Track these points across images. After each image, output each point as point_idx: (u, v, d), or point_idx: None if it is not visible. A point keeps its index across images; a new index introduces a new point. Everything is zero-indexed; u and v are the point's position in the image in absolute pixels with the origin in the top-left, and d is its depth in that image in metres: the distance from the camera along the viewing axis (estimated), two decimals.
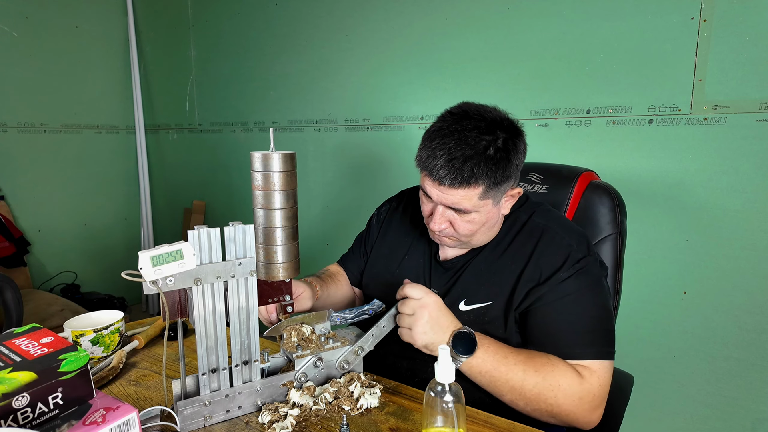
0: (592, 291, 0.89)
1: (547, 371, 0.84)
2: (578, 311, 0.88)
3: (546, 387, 0.83)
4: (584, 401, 0.83)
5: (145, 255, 0.67)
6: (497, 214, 0.93)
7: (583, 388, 0.84)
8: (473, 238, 0.93)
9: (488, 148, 0.84)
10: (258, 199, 0.77)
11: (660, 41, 1.43)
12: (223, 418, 0.78)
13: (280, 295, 0.82)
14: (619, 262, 1.10)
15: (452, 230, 0.92)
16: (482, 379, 0.86)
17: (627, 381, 1.10)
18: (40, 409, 0.58)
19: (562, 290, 0.88)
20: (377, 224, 1.21)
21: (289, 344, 0.86)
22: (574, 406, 0.83)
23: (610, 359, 0.87)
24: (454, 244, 0.96)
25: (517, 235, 0.96)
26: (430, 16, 1.91)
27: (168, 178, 3.30)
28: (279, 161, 0.75)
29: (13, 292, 1.31)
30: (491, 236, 0.97)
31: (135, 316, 3.11)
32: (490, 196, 0.87)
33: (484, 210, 0.89)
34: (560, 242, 0.91)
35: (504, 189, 0.89)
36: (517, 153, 0.88)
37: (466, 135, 0.84)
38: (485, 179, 0.84)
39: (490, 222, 0.92)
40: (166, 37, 3.10)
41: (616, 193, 1.13)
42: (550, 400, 0.83)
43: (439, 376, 0.62)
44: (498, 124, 0.87)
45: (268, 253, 0.78)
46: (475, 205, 0.87)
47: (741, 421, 1.41)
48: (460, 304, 0.95)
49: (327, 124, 2.32)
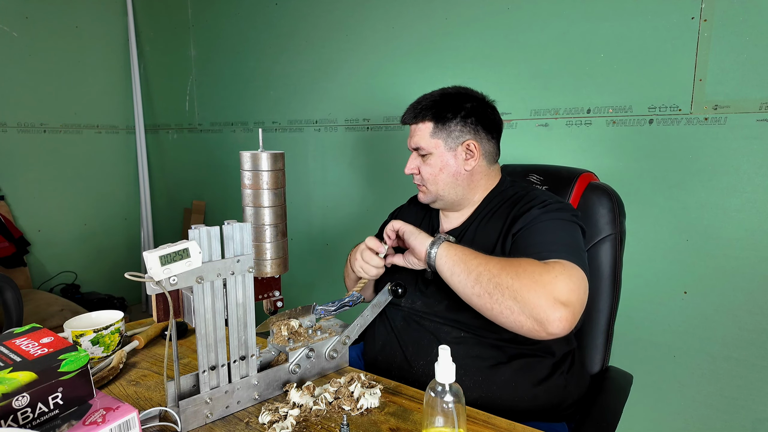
0: (564, 224, 0.95)
1: (510, 261, 0.87)
2: (548, 230, 0.93)
3: (508, 266, 0.84)
4: (546, 281, 0.81)
5: (153, 255, 0.67)
6: (454, 164, 1.04)
7: (545, 268, 0.83)
8: (438, 186, 1.05)
9: (441, 95, 1.06)
10: (247, 197, 0.80)
11: (660, 41, 1.43)
12: (223, 414, 0.78)
13: (270, 291, 0.84)
14: (618, 262, 1.11)
15: (420, 176, 1.07)
16: (454, 268, 0.89)
17: (627, 380, 1.10)
18: (40, 409, 0.58)
19: (534, 221, 0.95)
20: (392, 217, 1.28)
21: (280, 338, 0.89)
22: (534, 283, 0.81)
23: (582, 269, 0.87)
24: (427, 196, 1.09)
25: (501, 204, 1.05)
26: (430, 16, 1.91)
27: (168, 178, 3.30)
28: (267, 160, 0.79)
29: (13, 292, 1.31)
30: (459, 193, 1.07)
31: (135, 316, 3.11)
32: (440, 136, 1.03)
33: (438, 152, 1.04)
34: (533, 198, 1.01)
35: (453, 133, 1.04)
36: (473, 109, 1.05)
37: (433, 93, 1.08)
38: (430, 114, 1.03)
39: (448, 169, 1.04)
40: (166, 37, 3.10)
41: (615, 194, 1.13)
42: (511, 276, 0.82)
43: (439, 376, 0.62)
44: (468, 93, 1.08)
45: (257, 249, 0.82)
46: (428, 144, 1.04)
47: (741, 421, 1.41)
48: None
49: (327, 124, 2.32)
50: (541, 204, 0.98)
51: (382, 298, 0.96)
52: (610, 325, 1.12)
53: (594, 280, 1.10)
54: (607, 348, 1.12)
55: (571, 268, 0.85)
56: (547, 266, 0.84)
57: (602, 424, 0.90)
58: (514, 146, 1.75)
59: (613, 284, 1.10)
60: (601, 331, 1.11)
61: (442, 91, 1.08)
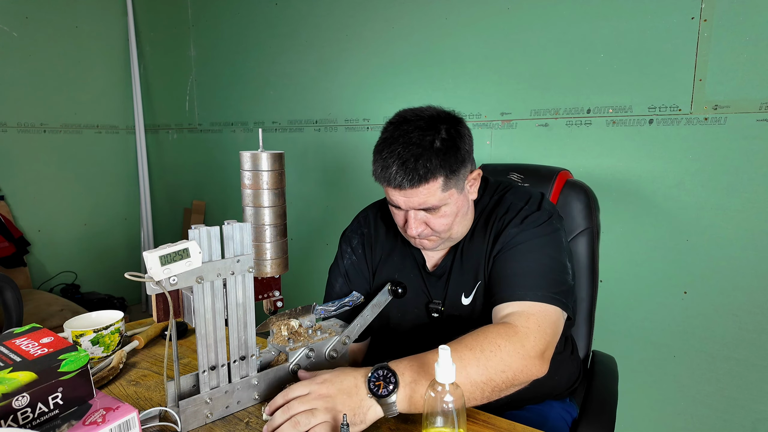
0: (541, 242, 0.91)
1: (479, 344, 0.77)
2: (524, 259, 0.89)
3: (490, 360, 0.75)
4: (527, 349, 0.78)
5: (153, 255, 0.67)
6: (466, 201, 0.95)
7: (520, 338, 0.79)
8: (452, 231, 0.94)
9: (434, 142, 0.87)
10: (247, 197, 0.80)
11: (660, 41, 1.43)
12: (222, 414, 0.78)
13: (270, 290, 0.84)
14: (595, 253, 1.17)
15: (430, 230, 0.93)
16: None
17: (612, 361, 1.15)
18: (40, 409, 0.58)
19: (511, 243, 0.92)
20: (362, 255, 1.11)
21: (280, 338, 0.89)
22: (521, 358, 0.77)
23: (555, 305, 0.84)
24: (435, 244, 0.96)
25: (479, 217, 1.00)
26: (431, 16, 1.91)
27: (168, 178, 3.30)
28: (267, 160, 0.78)
29: (13, 292, 1.31)
30: (468, 225, 0.98)
31: (135, 316, 3.11)
32: (452, 185, 0.89)
33: (453, 200, 0.91)
34: (509, 205, 0.96)
35: (463, 175, 0.91)
36: (463, 138, 0.91)
37: (410, 137, 0.87)
38: (440, 170, 0.86)
39: (462, 210, 0.94)
40: (166, 37, 3.10)
41: (590, 190, 1.19)
42: (500, 367, 0.75)
43: (439, 376, 0.62)
44: (436, 119, 0.90)
45: (257, 249, 0.82)
46: (441, 199, 0.89)
47: (741, 421, 1.41)
48: (461, 299, 0.97)
49: (327, 124, 2.32)
50: (518, 218, 0.93)
51: (382, 298, 0.96)
52: (591, 312, 1.18)
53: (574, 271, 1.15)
54: (590, 334, 1.18)
55: (543, 316, 0.82)
56: (519, 332, 0.79)
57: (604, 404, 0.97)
58: (514, 146, 1.75)
59: (591, 274, 1.16)
60: (583, 319, 1.17)
61: (420, 132, 0.88)
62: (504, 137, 1.78)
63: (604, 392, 1.01)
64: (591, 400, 0.98)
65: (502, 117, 1.77)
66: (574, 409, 1.06)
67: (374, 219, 1.12)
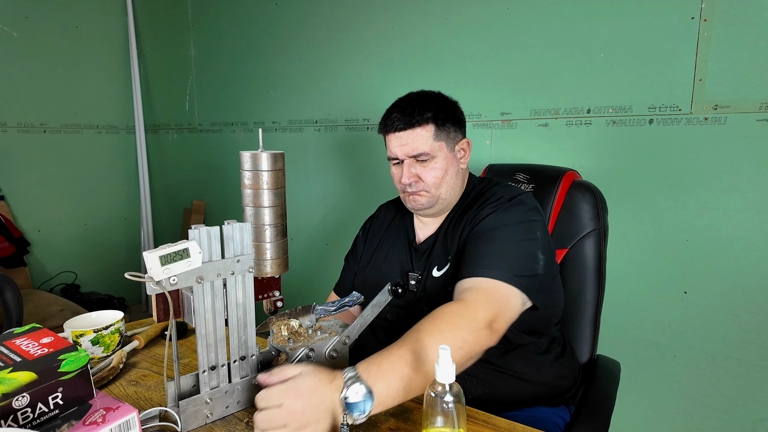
0: (512, 229, 0.94)
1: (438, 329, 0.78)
2: (492, 242, 0.93)
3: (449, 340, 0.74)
4: (477, 321, 0.80)
5: (153, 255, 0.67)
6: (456, 163, 1.05)
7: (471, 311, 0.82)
8: (442, 190, 1.03)
9: (431, 99, 1.04)
10: (247, 197, 0.80)
11: (660, 41, 1.43)
12: (222, 414, 0.78)
13: (270, 291, 0.84)
14: (602, 255, 1.15)
15: (421, 182, 1.02)
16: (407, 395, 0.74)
17: (616, 366, 1.14)
18: (40, 409, 0.58)
19: (484, 226, 0.96)
20: (363, 238, 1.25)
21: (280, 338, 0.88)
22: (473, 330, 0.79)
23: (513, 285, 0.86)
24: (426, 200, 1.04)
25: (466, 205, 1.06)
26: (431, 17, 1.91)
27: (168, 178, 3.30)
28: (267, 160, 0.78)
29: (13, 292, 1.31)
30: (457, 192, 1.07)
31: (135, 316, 3.11)
32: (442, 138, 1.02)
33: (442, 154, 1.02)
34: (493, 194, 1.02)
35: (453, 134, 1.04)
36: (456, 107, 1.07)
37: (411, 97, 1.05)
38: (432, 119, 1.01)
39: (451, 171, 1.03)
40: (166, 37, 3.10)
41: (598, 191, 1.17)
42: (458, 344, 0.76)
43: (439, 376, 0.62)
44: (436, 93, 1.07)
45: (257, 249, 0.82)
46: (432, 147, 1.01)
47: (741, 421, 1.41)
48: (434, 271, 1.04)
49: (327, 124, 2.32)
50: (493, 203, 0.98)
51: (382, 298, 0.96)
52: (596, 316, 1.15)
53: (580, 273, 1.15)
54: (594, 338, 1.16)
55: (494, 292, 0.85)
56: (468, 305, 0.83)
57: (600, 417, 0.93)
58: (514, 146, 1.75)
59: (598, 277, 1.14)
60: (588, 322, 1.15)
61: (420, 95, 1.06)
62: (504, 137, 1.77)
63: (601, 396, 0.98)
64: (586, 404, 0.96)
65: (502, 117, 1.77)
66: (567, 415, 1.03)
67: (388, 205, 1.27)
